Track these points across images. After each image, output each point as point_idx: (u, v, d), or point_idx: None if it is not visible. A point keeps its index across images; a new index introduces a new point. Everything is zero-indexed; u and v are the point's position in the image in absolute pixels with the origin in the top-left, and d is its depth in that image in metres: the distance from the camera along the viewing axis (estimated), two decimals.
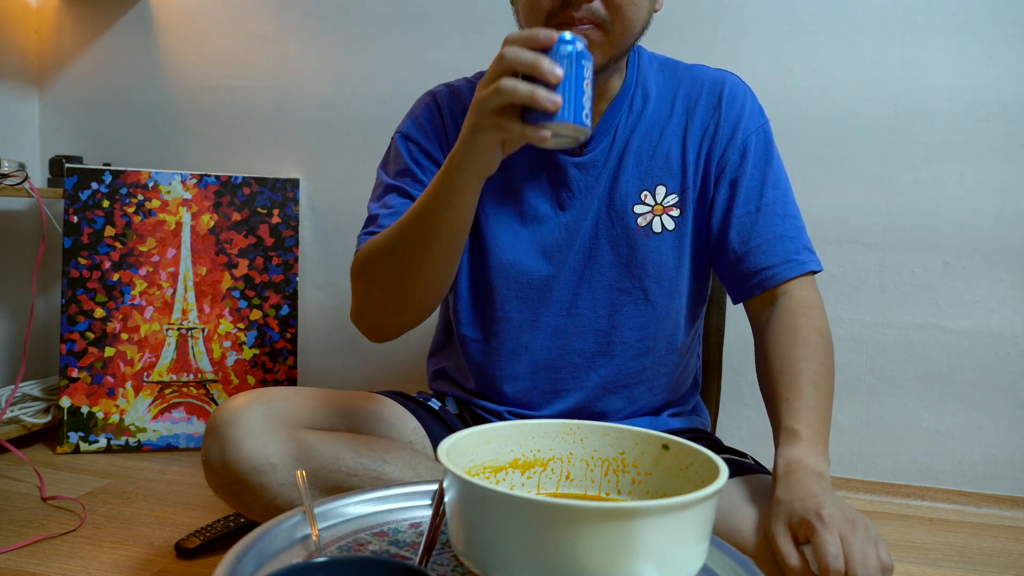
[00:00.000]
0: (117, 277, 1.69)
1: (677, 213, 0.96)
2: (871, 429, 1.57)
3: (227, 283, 1.73)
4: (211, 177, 1.73)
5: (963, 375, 1.52)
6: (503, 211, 0.98)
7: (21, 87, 1.90)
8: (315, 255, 1.81)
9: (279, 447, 0.84)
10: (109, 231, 1.68)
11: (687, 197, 0.96)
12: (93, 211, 1.67)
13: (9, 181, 1.58)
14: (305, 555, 0.64)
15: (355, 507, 0.73)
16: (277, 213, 1.76)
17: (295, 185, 1.77)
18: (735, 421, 1.62)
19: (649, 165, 0.96)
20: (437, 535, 0.66)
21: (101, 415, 1.67)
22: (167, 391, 1.70)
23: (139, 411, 1.69)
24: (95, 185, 1.68)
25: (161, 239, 1.71)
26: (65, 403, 1.65)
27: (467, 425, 1.05)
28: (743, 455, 0.97)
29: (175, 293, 1.71)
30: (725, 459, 0.86)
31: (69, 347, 1.66)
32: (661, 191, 0.96)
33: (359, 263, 0.92)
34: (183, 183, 1.72)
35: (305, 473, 0.72)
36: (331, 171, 1.79)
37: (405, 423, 1.00)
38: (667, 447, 0.68)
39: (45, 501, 1.38)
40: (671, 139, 0.96)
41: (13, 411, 1.67)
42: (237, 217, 1.74)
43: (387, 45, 1.73)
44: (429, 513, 0.72)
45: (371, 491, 0.74)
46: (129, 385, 1.68)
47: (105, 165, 1.74)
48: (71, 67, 1.92)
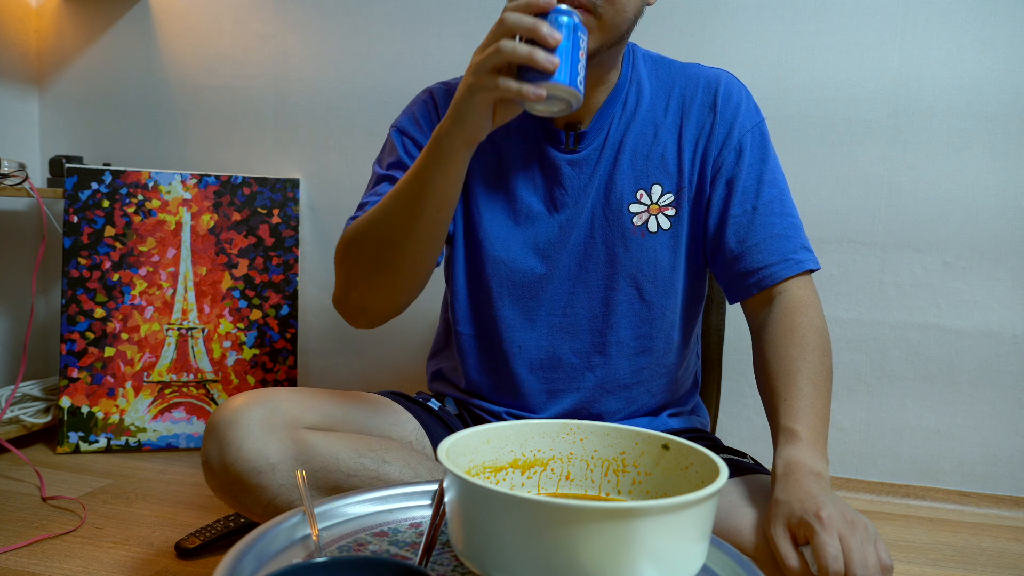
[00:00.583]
0: (117, 277, 1.69)
1: (673, 212, 0.96)
2: (871, 429, 1.57)
3: (227, 283, 1.73)
4: (211, 177, 1.73)
5: (963, 375, 1.52)
6: (496, 208, 0.98)
7: (21, 87, 1.90)
8: (315, 255, 1.81)
9: (279, 447, 0.84)
10: (109, 231, 1.68)
11: (683, 196, 0.96)
12: (93, 211, 1.67)
13: (9, 181, 1.58)
14: (305, 555, 0.64)
15: (355, 507, 0.73)
16: (277, 213, 1.76)
17: (295, 185, 1.77)
18: (735, 421, 1.62)
19: (645, 164, 0.96)
20: (437, 535, 0.66)
21: (101, 415, 1.67)
22: (167, 391, 1.70)
23: (139, 411, 1.69)
24: (95, 185, 1.68)
25: (161, 239, 1.71)
26: (65, 403, 1.65)
27: (467, 425, 1.05)
28: (743, 455, 0.97)
29: (175, 293, 1.71)
30: (725, 459, 0.86)
31: (69, 347, 1.66)
32: (657, 190, 0.96)
33: (344, 243, 0.92)
34: (183, 183, 1.72)
35: (305, 473, 0.72)
36: (331, 171, 1.79)
37: (405, 423, 1.00)
38: (667, 447, 0.68)
39: (45, 501, 1.38)
40: (666, 138, 0.96)
41: (13, 411, 1.67)
42: (237, 217, 1.74)
43: (388, 45, 1.73)
44: (429, 513, 0.72)
45: (371, 491, 0.74)
46: (129, 385, 1.68)
47: (105, 165, 1.74)
48: (71, 67, 1.92)
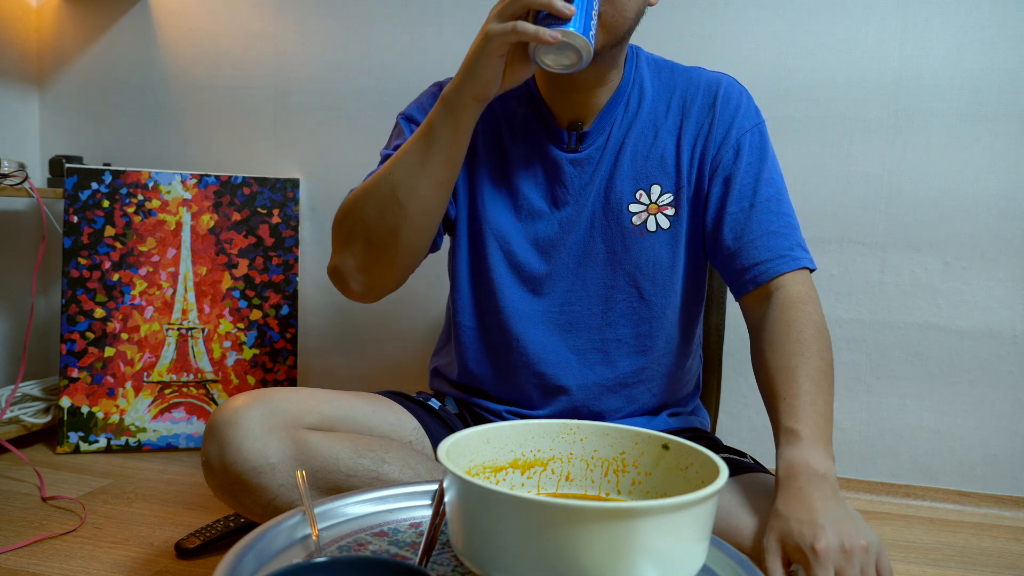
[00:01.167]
0: (117, 277, 1.69)
1: (672, 212, 0.96)
2: (871, 429, 1.57)
3: (227, 283, 1.73)
4: (211, 177, 1.73)
5: (963, 375, 1.52)
6: (500, 203, 0.99)
7: (21, 87, 1.90)
8: (315, 255, 1.81)
9: (279, 448, 0.84)
10: (109, 231, 1.68)
11: (682, 196, 0.96)
12: (93, 211, 1.67)
13: (9, 181, 1.58)
14: (305, 555, 0.64)
15: (355, 507, 0.72)
16: (277, 213, 1.76)
17: (295, 185, 1.77)
18: (735, 421, 1.62)
19: (644, 164, 0.96)
20: (437, 535, 0.66)
21: (101, 415, 1.67)
22: (167, 391, 1.70)
23: (139, 411, 1.69)
24: (95, 185, 1.68)
25: (161, 239, 1.70)
26: (65, 403, 1.65)
27: (467, 425, 1.05)
28: (743, 455, 0.97)
29: (175, 293, 1.71)
30: (725, 459, 0.85)
31: (69, 347, 1.66)
32: (656, 190, 0.96)
33: (343, 208, 0.93)
34: (183, 183, 1.72)
35: (305, 473, 0.72)
36: (331, 171, 1.79)
37: (405, 423, 1.00)
38: (667, 447, 0.68)
39: (45, 501, 1.38)
40: (666, 138, 0.96)
41: (13, 411, 1.67)
42: (237, 217, 1.74)
43: (388, 44, 1.73)
44: (429, 513, 0.72)
45: (371, 491, 0.74)
46: (129, 385, 1.68)
47: (105, 165, 1.74)
48: (71, 67, 1.92)
